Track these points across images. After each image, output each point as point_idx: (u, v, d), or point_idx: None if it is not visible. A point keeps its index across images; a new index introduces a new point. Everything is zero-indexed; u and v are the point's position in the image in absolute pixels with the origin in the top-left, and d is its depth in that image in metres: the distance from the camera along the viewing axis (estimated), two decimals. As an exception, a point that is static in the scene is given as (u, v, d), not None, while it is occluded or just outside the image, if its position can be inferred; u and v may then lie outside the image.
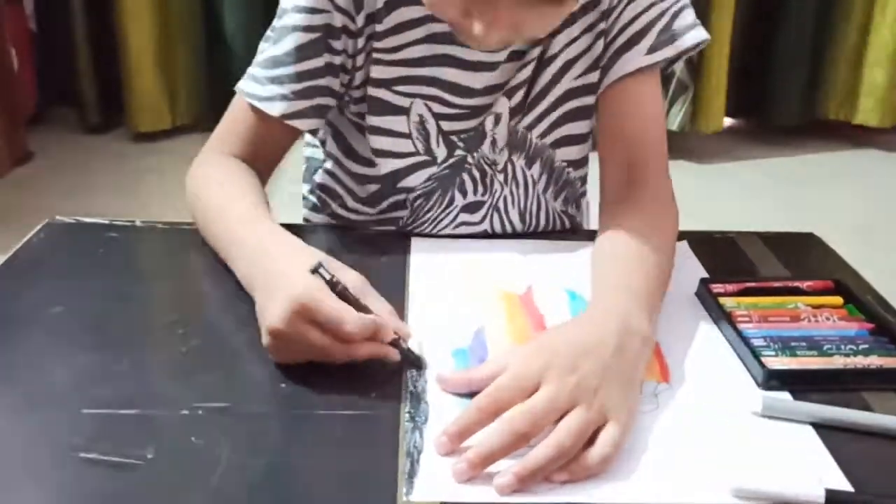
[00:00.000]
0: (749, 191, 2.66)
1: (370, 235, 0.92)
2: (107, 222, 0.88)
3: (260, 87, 0.84)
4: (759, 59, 2.94)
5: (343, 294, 0.65)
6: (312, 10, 0.81)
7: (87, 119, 2.84)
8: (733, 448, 0.60)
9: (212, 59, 2.81)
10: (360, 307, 0.65)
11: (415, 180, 0.89)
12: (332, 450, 0.58)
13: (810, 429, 0.62)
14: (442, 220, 0.92)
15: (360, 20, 0.82)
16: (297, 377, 0.65)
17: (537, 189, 0.93)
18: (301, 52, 0.82)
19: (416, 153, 0.88)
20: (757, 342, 0.70)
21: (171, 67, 2.81)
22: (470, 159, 0.89)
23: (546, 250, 0.88)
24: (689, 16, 0.86)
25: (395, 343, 0.66)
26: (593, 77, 0.87)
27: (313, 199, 1.01)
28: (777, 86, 2.94)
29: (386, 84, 0.86)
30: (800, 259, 0.89)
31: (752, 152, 2.94)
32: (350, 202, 0.95)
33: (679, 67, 2.76)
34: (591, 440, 0.58)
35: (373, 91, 0.86)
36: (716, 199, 2.41)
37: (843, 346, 0.69)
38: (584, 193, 0.99)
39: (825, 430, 0.61)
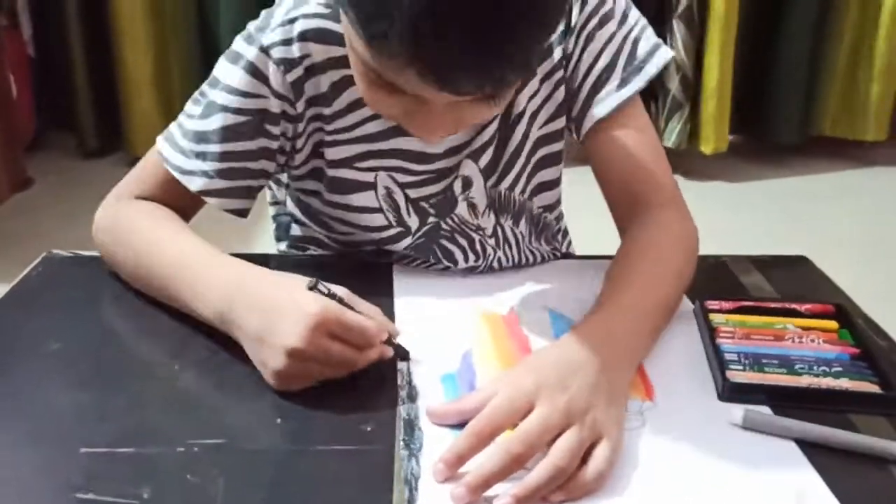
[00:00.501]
0: (747, 208, 2.67)
1: (354, 263, 0.91)
2: (106, 263, 0.88)
3: (183, 159, 0.82)
4: (757, 78, 2.94)
5: (342, 305, 0.67)
6: (245, 94, 0.79)
7: (85, 144, 2.85)
8: (720, 463, 0.61)
9: (209, 83, 2.82)
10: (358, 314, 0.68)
11: (395, 248, 0.88)
12: (329, 485, 0.58)
13: (793, 445, 0.63)
14: None
15: (301, 105, 0.81)
16: (293, 412, 0.65)
17: (525, 242, 0.92)
18: (228, 133, 0.80)
19: (390, 225, 0.87)
20: (729, 356, 0.72)
21: (168, 91, 2.82)
22: (444, 225, 0.87)
23: (526, 272, 0.90)
24: (651, 38, 0.86)
25: (387, 340, 0.69)
26: (559, 124, 0.88)
27: (298, 253, 0.98)
28: (775, 104, 2.93)
29: (346, 163, 0.84)
30: (791, 283, 0.89)
31: (750, 170, 2.94)
32: (344, 248, 0.93)
33: (674, 86, 2.77)
34: (584, 458, 0.59)
35: (333, 172, 0.85)
36: (713, 217, 2.40)
37: (815, 367, 0.71)
38: (559, 230, 1.00)
39: (807, 446, 0.63)
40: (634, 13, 0.86)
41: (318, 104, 0.82)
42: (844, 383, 0.69)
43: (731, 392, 0.68)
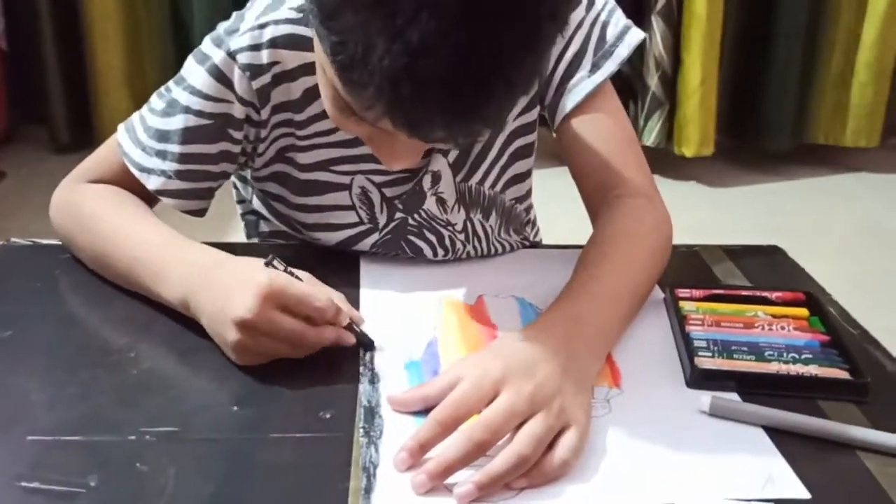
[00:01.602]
0: (727, 210, 2.65)
1: (321, 252, 0.89)
2: (63, 244, 0.86)
3: (143, 155, 0.81)
4: (746, 85, 2.92)
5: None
6: (208, 98, 0.78)
7: (57, 138, 2.81)
8: (687, 450, 0.60)
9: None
10: None
11: (362, 247, 0.87)
12: (284, 474, 0.56)
13: (761, 431, 0.62)
14: None
15: (266, 112, 0.80)
16: (250, 399, 0.63)
17: (495, 235, 0.91)
18: (189, 135, 0.79)
19: (360, 223, 0.86)
20: (699, 343, 0.71)
21: (140, 86, 2.78)
22: (412, 221, 0.86)
23: (494, 261, 0.89)
24: (620, 20, 0.85)
25: (349, 327, 0.67)
26: (532, 115, 0.87)
27: (265, 243, 0.97)
28: (765, 110, 2.89)
29: (322, 166, 0.84)
30: (765, 272, 0.89)
31: (735, 174, 2.91)
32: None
33: (654, 83, 2.76)
34: (549, 445, 0.58)
35: (307, 175, 0.84)
36: (691, 216, 2.39)
37: (785, 354, 0.70)
38: (529, 220, 0.99)
39: (775, 433, 0.62)
40: None
41: (287, 110, 0.81)
42: (814, 370, 0.68)
43: (699, 378, 0.67)
